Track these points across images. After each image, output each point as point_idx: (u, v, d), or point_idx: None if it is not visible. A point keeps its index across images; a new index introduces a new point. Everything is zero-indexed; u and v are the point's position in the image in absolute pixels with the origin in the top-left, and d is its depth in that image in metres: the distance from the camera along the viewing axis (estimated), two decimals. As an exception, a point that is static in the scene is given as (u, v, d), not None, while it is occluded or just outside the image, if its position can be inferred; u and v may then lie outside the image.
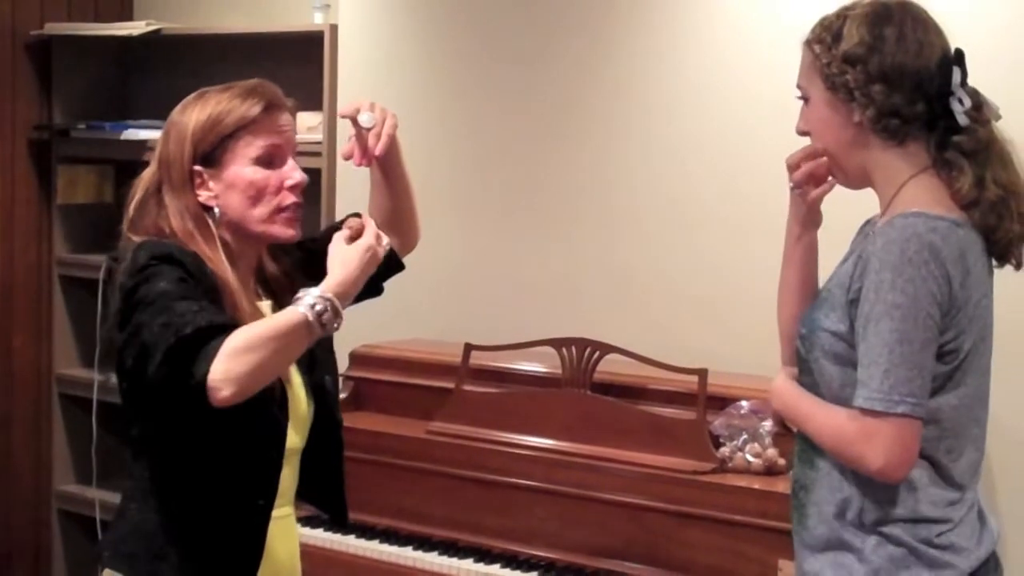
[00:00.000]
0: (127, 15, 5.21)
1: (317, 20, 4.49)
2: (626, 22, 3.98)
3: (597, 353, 3.63)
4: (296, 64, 4.46)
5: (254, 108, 2.40)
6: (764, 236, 3.73)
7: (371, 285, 2.69)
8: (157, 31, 4.80)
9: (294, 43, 4.55)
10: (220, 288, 2.33)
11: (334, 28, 4.43)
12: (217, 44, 4.77)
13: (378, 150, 2.50)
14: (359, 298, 2.72)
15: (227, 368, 2.13)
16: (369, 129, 2.50)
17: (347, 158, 2.54)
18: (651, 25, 3.94)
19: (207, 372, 2.13)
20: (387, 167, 2.63)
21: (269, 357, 2.18)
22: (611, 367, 3.65)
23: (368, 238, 2.34)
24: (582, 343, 3.65)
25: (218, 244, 2.39)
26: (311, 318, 2.21)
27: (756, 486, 3.29)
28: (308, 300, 2.22)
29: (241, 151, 2.40)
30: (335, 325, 2.25)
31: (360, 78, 4.29)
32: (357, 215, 2.76)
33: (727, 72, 3.80)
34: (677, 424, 3.46)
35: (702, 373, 3.45)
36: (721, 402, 3.47)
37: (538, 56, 4.13)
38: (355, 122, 2.51)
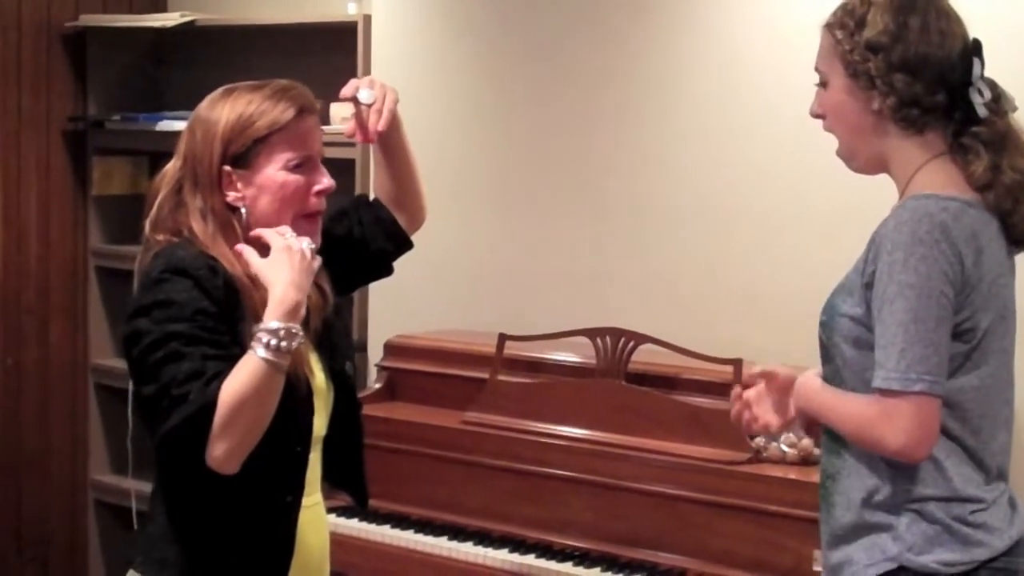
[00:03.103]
0: (161, 6, 5.23)
1: (351, 11, 4.49)
2: (661, 12, 3.97)
3: (632, 343, 3.62)
4: (330, 55, 4.47)
5: (287, 112, 2.37)
6: (797, 226, 3.74)
7: (380, 265, 2.70)
8: (191, 22, 4.82)
9: (327, 34, 4.56)
10: (238, 287, 2.32)
11: (367, 18, 4.43)
12: (251, 35, 4.78)
13: (380, 125, 2.49)
14: (369, 277, 2.73)
15: (226, 448, 2.20)
16: (369, 106, 2.49)
17: (350, 136, 2.55)
18: (686, 16, 3.93)
19: (208, 455, 2.20)
20: (389, 143, 2.62)
21: (254, 412, 2.21)
22: (645, 357, 3.64)
23: (275, 243, 2.31)
24: (617, 333, 3.64)
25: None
26: (270, 357, 2.20)
27: (791, 476, 3.28)
28: (261, 338, 2.20)
29: (275, 155, 2.37)
30: (294, 344, 2.23)
31: (393, 68, 4.28)
32: (363, 196, 2.78)
33: (761, 62, 3.78)
34: (712, 414, 3.45)
35: (737, 363, 3.43)
36: (756, 392, 3.45)
37: (572, 46, 4.12)
38: (355, 101, 2.50)
